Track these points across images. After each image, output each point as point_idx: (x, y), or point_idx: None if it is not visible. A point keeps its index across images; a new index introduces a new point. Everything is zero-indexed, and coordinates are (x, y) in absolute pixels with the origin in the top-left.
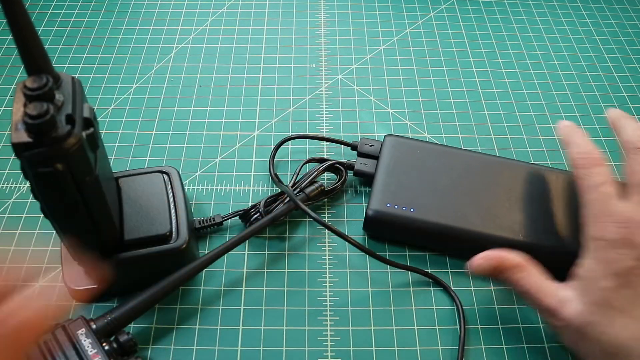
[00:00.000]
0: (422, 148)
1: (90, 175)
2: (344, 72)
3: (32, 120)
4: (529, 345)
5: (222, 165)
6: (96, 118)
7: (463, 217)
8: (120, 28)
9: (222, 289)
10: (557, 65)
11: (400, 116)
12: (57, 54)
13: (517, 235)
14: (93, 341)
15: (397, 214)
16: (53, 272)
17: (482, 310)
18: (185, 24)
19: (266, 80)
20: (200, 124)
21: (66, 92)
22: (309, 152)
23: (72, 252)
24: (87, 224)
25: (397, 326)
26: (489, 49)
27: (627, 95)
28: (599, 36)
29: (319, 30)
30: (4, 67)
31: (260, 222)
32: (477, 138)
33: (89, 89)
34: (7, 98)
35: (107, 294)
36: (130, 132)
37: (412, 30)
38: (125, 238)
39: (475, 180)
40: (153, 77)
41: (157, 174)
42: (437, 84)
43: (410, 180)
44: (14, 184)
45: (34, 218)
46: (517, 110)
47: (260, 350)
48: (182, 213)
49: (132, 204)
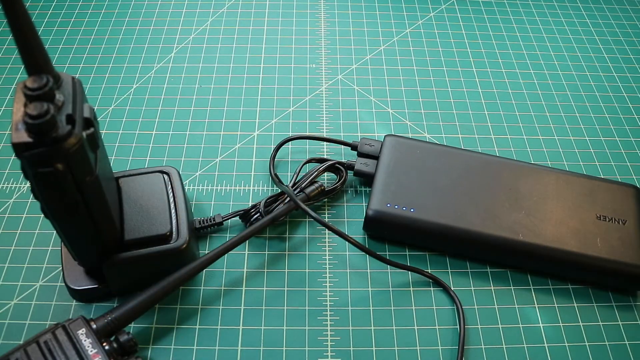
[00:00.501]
0: (422, 148)
1: (90, 175)
2: (344, 72)
3: (32, 120)
4: (529, 345)
5: (222, 165)
6: (96, 118)
7: (463, 217)
8: (120, 28)
9: (222, 289)
10: (557, 65)
11: (400, 116)
12: (57, 54)
13: (517, 235)
14: (93, 341)
15: (397, 214)
16: (53, 272)
17: (482, 310)
18: (186, 24)
19: (266, 80)
20: (200, 124)
21: (66, 92)
22: (309, 152)
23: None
24: (87, 224)
25: (397, 326)
26: (489, 49)
27: (627, 95)
28: (598, 36)
29: (319, 30)
30: (4, 67)
31: (261, 222)
32: (477, 138)
33: (89, 89)
34: (7, 98)
35: (107, 294)
36: (131, 132)
37: (412, 30)
38: (125, 238)
39: (475, 180)
40: (153, 77)
41: (157, 174)
42: (437, 84)
43: (410, 180)
44: (14, 184)
45: (34, 218)
46: (517, 110)
47: (261, 350)
48: (182, 213)
49: (133, 204)
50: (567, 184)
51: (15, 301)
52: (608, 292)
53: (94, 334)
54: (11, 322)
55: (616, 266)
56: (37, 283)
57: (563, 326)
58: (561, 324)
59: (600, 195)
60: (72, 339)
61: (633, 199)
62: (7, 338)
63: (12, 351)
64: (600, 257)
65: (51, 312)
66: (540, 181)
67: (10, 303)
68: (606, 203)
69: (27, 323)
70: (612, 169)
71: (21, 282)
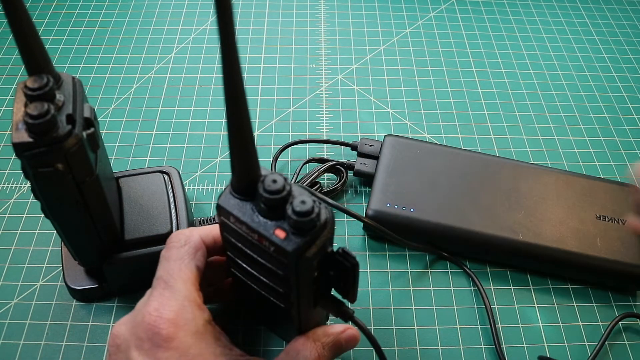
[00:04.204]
0: (422, 148)
1: (90, 175)
2: (344, 72)
3: (32, 120)
4: (528, 345)
5: (222, 165)
6: (97, 118)
7: (463, 217)
8: (120, 28)
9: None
10: (557, 65)
11: (400, 116)
12: (57, 54)
13: (516, 235)
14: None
15: (397, 214)
16: (53, 272)
17: (482, 310)
18: (185, 24)
19: (266, 80)
20: (200, 124)
21: (67, 92)
22: (309, 152)
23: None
24: (88, 223)
25: (397, 326)
26: (488, 49)
27: (627, 95)
28: (598, 36)
29: (319, 30)
30: (5, 67)
31: None
32: (477, 138)
33: (89, 89)
34: (7, 98)
35: (107, 294)
36: (131, 132)
37: (412, 30)
38: (125, 238)
39: (475, 180)
40: (153, 77)
41: (157, 174)
42: (437, 84)
43: (410, 180)
44: (15, 184)
45: (34, 218)
46: (517, 110)
47: (261, 351)
48: (183, 213)
49: (133, 204)
50: (566, 184)
51: (15, 301)
52: (607, 292)
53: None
54: (11, 322)
55: (616, 266)
56: (37, 283)
57: (563, 326)
58: (561, 324)
59: (599, 195)
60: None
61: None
62: (7, 338)
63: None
64: (600, 257)
65: (51, 312)
66: (540, 181)
67: (10, 303)
68: (606, 203)
69: (27, 323)
70: (611, 169)
71: (21, 282)
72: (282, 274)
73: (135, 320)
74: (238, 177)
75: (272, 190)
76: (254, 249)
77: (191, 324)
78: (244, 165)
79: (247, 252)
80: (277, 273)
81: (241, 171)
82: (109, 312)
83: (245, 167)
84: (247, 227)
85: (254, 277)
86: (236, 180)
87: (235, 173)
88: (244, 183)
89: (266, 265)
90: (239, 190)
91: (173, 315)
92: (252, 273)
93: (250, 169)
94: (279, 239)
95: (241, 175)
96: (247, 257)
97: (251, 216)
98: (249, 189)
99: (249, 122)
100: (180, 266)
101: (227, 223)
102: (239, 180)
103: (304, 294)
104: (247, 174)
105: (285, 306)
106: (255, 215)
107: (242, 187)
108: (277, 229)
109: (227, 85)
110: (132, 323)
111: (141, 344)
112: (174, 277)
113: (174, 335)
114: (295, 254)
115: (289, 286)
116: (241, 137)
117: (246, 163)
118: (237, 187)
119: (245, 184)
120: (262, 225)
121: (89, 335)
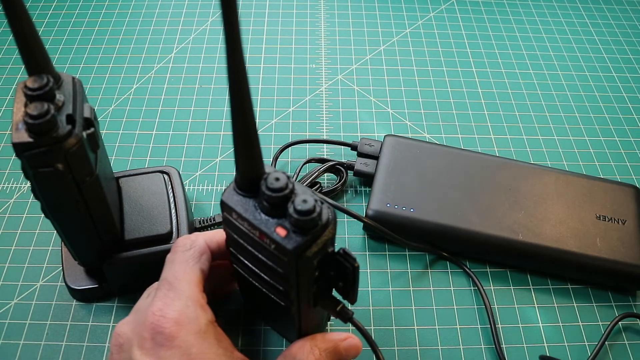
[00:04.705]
0: (422, 148)
1: (90, 175)
2: (344, 72)
3: (32, 120)
4: (528, 345)
5: (222, 165)
6: (97, 118)
7: (463, 217)
8: (120, 28)
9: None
10: (557, 65)
11: (400, 116)
12: (57, 54)
13: (516, 235)
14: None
15: (397, 214)
16: (54, 272)
17: (482, 310)
18: (185, 24)
19: (266, 80)
20: (200, 124)
21: (67, 92)
22: (309, 152)
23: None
24: (88, 223)
25: (397, 326)
26: (488, 49)
27: (627, 95)
28: (598, 36)
29: (319, 30)
30: (5, 67)
31: None
32: (477, 138)
33: (89, 89)
34: (7, 98)
35: (107, 294)
36: (131, 132)
37: (412, 30)
38: (125, 238)
39: (475, 180)
40: (153, 77)
41: (157, 174)
42: (437, 84)
43: (410, 180)
44: (15, 184)
45: (34, 218)
46: (517, 110)
47: (261, 350)
48: (183, 213)
49: (133, 204)
50: (566, 184)
51: (15, 301)
52: (607, 292)
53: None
54: (11, 322)
55: (616, 266)
56: (37, 283)
57: (563, 326)
58: (561, 324)
59: (599, 195)
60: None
61: (632, 199)
62: (7, 338)
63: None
64: (600, 257)
65: (51, 312)
66: (539, 181)
67: (10, 303)
68: (606, 203)
69: (27, 323)
70: (611, 169)
71: (21, 282)
72: (282, 272)
73: (138, 320)
74: (242, 174)
75: (275, 188)
76: (255, 245)
77: (194, 323)
78: (248, 162)
79: (248, 249)
80: (277, 271)
81: (245, 168)
82: (109, 312)
83: (249, 164)
84: (249, 224)
85: (255, 274)
86: (240, 176)
87: (239, 170)
88: (248, 180)
89: (267, 262)
90: (243, 187)
91: (176, 315)
92: (253, 270)
93: (254, 166)
94: (279, 237)
95: (245, 172)
96: (249, 254)
97: (253, 213)
98: (253, 185)
99: (253, 119)
100: (185, 268)
101: (230, 219)
102: (242, 177)
103: (303, 292)
104: (250, 171)
105: (285, 304)
106: (257, 212)
107: (246, 184)
108: (278, 226)
109: (232, 81)
110: (135, 323)
111: (143, 343)
112: (179, 278)
113: (176, 334)
114: (295, 252)
115: (289, 284)
116: (245, 134)
117: (250, 160)
118: (240, 183)
119: (249, 181)
120: (264, 223)
121: (89, 335)
